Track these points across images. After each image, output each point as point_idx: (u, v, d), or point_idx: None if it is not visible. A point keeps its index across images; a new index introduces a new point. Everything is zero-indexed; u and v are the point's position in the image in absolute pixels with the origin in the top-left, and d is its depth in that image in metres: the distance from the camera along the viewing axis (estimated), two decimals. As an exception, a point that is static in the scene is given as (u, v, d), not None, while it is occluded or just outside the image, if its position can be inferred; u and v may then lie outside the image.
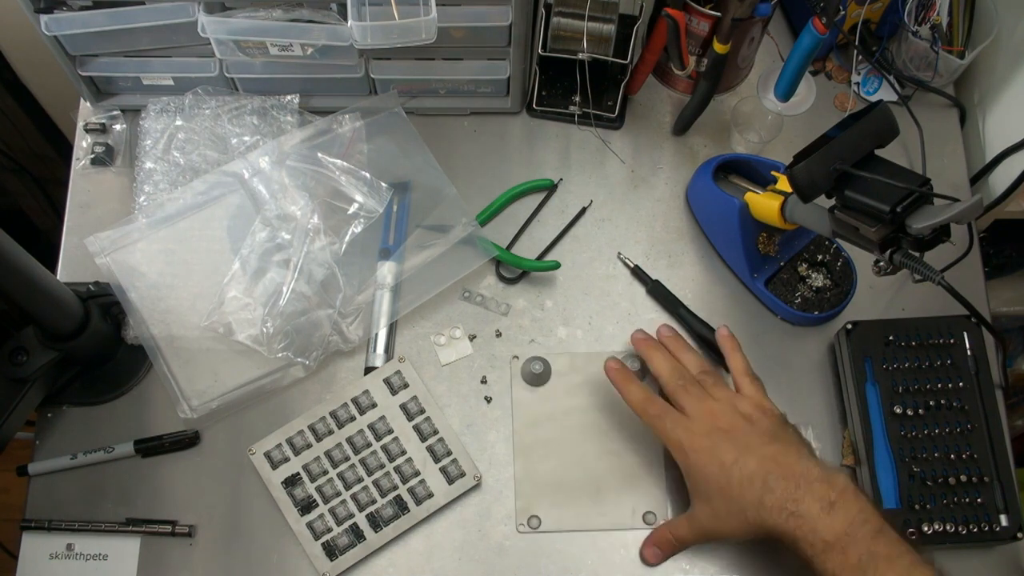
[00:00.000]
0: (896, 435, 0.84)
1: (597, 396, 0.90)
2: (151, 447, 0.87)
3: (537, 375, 0.90)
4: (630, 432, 0.88)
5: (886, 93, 1.04)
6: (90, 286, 0.90)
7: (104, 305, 0.88)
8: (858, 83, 1.05)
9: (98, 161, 0.99)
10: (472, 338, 0.93)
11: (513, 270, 0.96)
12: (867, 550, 0.64)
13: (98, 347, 0.88)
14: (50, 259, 0.92)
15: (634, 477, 0.87)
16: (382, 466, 0.87)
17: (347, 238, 0.92)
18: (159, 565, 0.84)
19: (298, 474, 0.86)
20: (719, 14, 0.90)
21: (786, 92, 0.96)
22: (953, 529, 0.81)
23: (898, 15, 0.98)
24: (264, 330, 0.87)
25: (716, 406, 0.79)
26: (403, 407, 0.89)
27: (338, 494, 0.86)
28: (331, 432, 0.88)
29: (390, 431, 0.88)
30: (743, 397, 0.81)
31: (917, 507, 0.82)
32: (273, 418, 0.88)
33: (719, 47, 0.91)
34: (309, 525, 0.85)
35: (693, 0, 0.90)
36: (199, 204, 0.93)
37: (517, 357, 0.92)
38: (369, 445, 0.87)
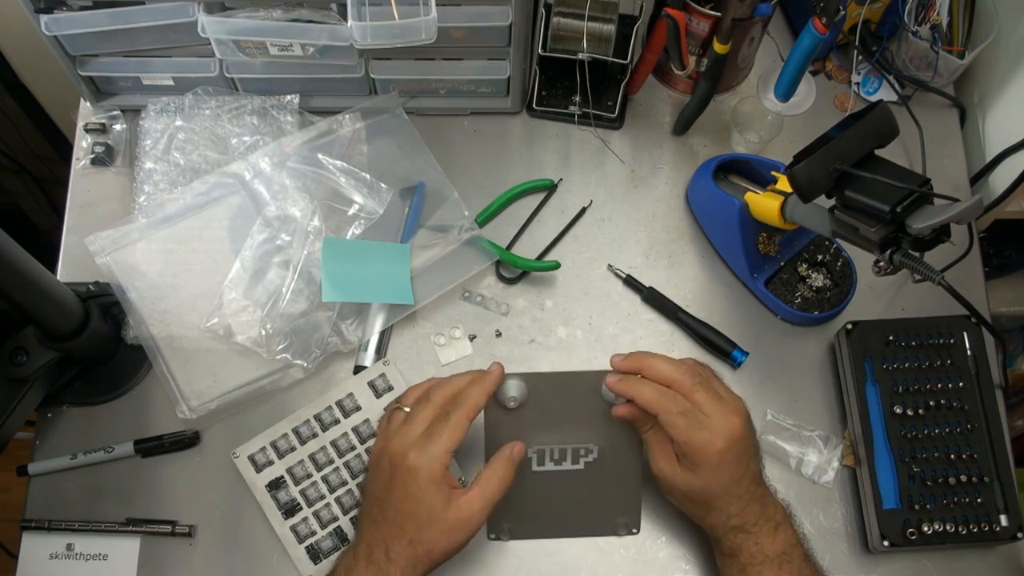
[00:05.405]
0: (896, 435, 0.84)
1: (574, 415, 0.82)
2: (151, 447, 0.87)
3: (512, 408, 0.82)
4: (608, 450, 0.83)
5: (886, 93, 1.04)
6: (90, 286, 0.90)
7: (104, 305, 0.88)
8: (858, 83, 1.05)
9: (98, 161, 0.99)
10: (472, 338, 0.93)
11: (513, 270, 0.96)
12: (798, 571, 0.75)
13: (98, 347, 0.88)
14: (50, 259, 0.92)
15: (610, 489, 0.84)
16: (366, 470, 0.85)
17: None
18: (159, 565, 0.84)
19: (282, 477, 0.86)
20: (719, 14, 0.90)
21: (786, 92, 0.96)
22: (953, 529, 0.81)
23: (898, 15, 0.98)
24: (264, 331, 0.87)
25: (735, 419, 0.75)
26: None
27: (322, 497, 0.85)
28: (315, 435, 0.87)
29: (374, 434, 0.87)
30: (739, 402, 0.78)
31: (917, 507, 0.82)
32: (272, 419, 0.88)
33: (719, 47, 0.91)
34: (293, 528, 0.84)
35: (693, 0, 0.90)
36: (199, 204, 0.93)
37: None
38: (353, 448, 0.87)
